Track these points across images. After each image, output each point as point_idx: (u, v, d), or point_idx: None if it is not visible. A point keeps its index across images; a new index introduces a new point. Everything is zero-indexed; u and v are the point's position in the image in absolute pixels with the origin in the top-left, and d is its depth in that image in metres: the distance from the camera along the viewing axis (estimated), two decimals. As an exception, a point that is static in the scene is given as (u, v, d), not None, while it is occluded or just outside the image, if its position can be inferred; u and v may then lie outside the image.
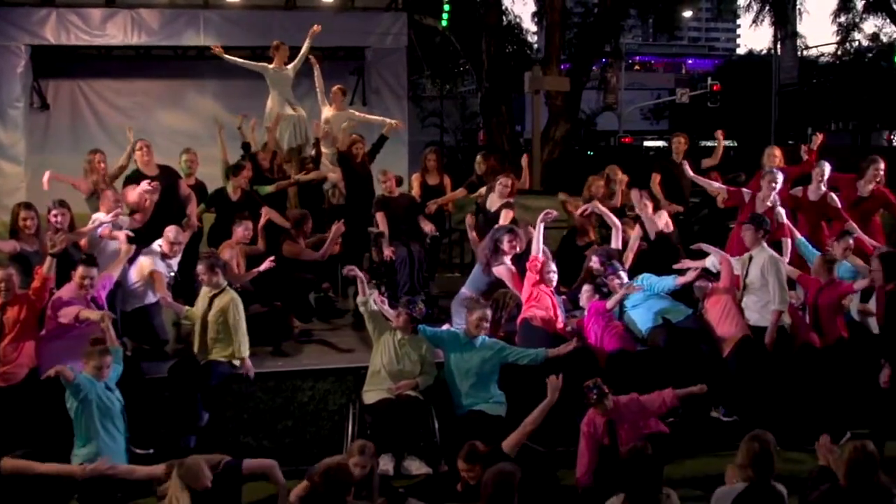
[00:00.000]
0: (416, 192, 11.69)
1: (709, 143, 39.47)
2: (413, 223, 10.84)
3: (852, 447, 5.61)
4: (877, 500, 5.51)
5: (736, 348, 8.70)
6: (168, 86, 17.21)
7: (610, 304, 8.96)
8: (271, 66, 12.49)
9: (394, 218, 10.68)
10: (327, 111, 12.59)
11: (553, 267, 9.14)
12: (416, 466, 7.68)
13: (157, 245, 9.25)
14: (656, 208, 10.49)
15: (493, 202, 10.60)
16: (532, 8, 28.15)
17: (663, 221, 10.29)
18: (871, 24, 73.82)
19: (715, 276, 9.28)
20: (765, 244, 9.21)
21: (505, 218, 10.10)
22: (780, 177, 10.17)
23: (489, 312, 8.33)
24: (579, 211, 10.61)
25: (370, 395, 8.04)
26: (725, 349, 8.75)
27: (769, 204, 10.03)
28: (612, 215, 10.17)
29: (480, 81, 21.35)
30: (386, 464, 7.48)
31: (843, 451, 5.68)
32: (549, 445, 8.15)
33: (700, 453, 8.09)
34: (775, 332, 8.82)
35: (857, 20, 29.61)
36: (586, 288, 9.34)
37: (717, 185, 10.91)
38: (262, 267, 9.20)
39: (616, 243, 9.94)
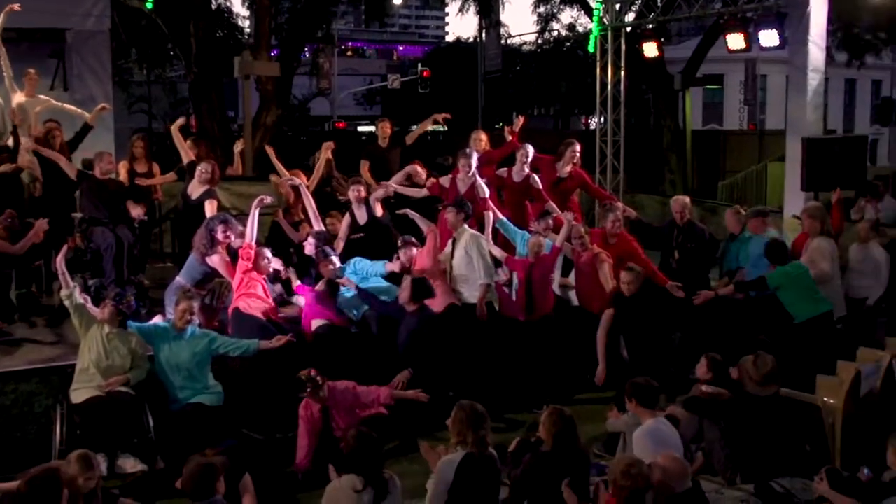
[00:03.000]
0: (123, 179, 11.28)
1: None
2: (120, 208, 10.45)
3: (552, 413, 5.98)
4: (577, 462, 5.91)
5: (444, 312, 9.02)
6: None
7: (319, 286, 9.06)
8: (-38, 48, 11.66)
9: (100, 202, 10.25)
10: (18, 97, 11.85)
11: (268, 254, 9.12)
12: (130, 465, 7.43)
13: None
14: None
15: (194, 188, 10.45)
16: (243, -8, 27.72)
17: (378, 209, 10.48)
18: (567, 15, 77.93)
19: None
20: (466, 225, 9.60)
21: (210, 207, 9.96)
22: (475, 157, 10.55)
23: (195, 304, 8.14)
24: (283, 188, 10.70)
25: (78, 394, 7.68)
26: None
27: (470, 182, 10.41)
28: (312, 206, 10.20)
29: (189, 66, 20.79)
30: (99, 464, 7.19)
31: (543, 419, 6.02)
32: (268, 433, 8.16)
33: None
34: (484, 304, 9.23)
35: (555, 11, 31.21)
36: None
37: (416, 189, 11.05)
38: None
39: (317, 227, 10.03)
